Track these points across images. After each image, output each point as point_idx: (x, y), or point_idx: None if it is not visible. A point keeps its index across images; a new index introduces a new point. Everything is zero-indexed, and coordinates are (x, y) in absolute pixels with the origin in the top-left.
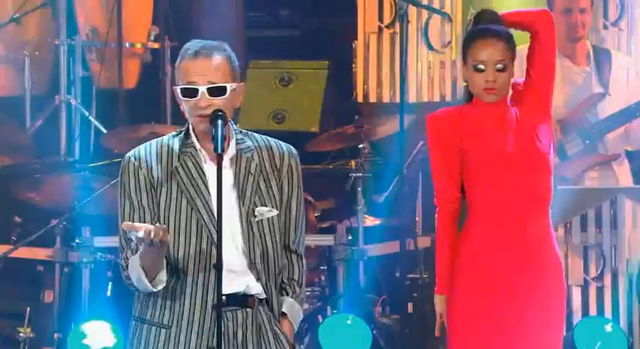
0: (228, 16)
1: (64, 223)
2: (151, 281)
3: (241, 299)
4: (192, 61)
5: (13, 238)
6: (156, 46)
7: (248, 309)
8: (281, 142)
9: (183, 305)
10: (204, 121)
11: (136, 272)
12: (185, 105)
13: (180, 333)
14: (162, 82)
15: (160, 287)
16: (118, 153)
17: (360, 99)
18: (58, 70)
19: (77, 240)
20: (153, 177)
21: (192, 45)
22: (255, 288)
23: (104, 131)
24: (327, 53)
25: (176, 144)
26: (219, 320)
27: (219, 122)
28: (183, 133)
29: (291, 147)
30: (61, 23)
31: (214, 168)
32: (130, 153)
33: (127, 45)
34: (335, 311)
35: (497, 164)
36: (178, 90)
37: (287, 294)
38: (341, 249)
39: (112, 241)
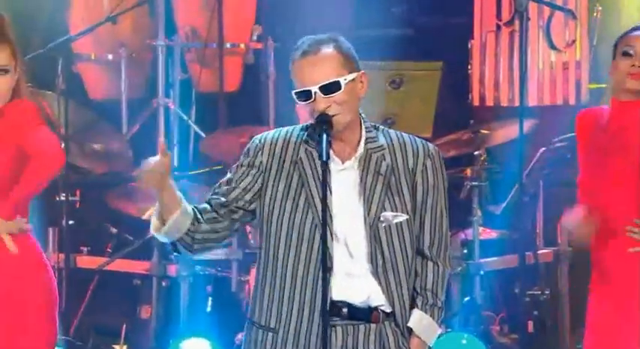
0: (335, 14)
1: None
2: (163, 225)
3: (365, 313)
4: (300, 62)
5: (109, 250)
6: (258, 46)
7: (372, 324)
8: (418, 139)
9: (292, 310)
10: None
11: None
12: (305, 109)
13: (287, 339)
14: (265, 84)
15: (177, 235)
16: (218, 161)
17: (476, 102)
18: (155, 72)
19: (175, 253)
20: (272, 164)
21: (301, 44)
22: (379, 299)
23: (204, 136)
24: (441, 53)
25: (301, 136)
26: (326, 328)
27: (324, 135)
28: (308, 127)
29: (429, 144)
30: (158, 23)
31: (338, 167)
32: (256, 136)
33: (229, 45)
34: (449, 329)
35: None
36: (294, 94)
37: (417, 306)
38: (455, 263)
39: (212, 254)
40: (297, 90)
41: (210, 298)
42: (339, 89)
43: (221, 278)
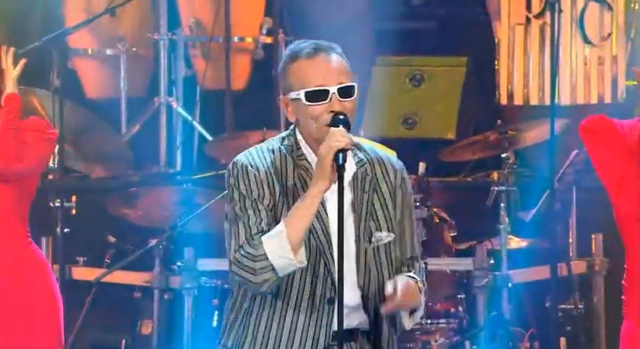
0: (352, 6)
1: (164, 243)
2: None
3: (347, 334)
4: (312, 61)
5: (107, 260)
6: (268, 40)
7: (352, 343)
8: (387, 154)
9: (292, 342)
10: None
11: (281, 248)
12: (309, 112)
13: None
14: (276, 81)
15: (303, 265)
16: (224, 164)
17: (503, 101)
18: (157, 68)
19: (179, 263)
20: (274, 193)
21: (301, 45)
22: (365, 323)
23: (209, 138)
24: (466, 48)
25: (288, 155)
26: None
27: (341, 127)
28: (292, 141)
29: (398, 161)
30: (161, 15)
31: (333, 185)
32: (242, 160)
33: (236, 39)
34: (475, 346)
35: None
36: (301, 96)
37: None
38: (481, 275)
39: (218, 264)
40: (312, 90)
41: (216, 312)
42: (354, 94)
43: (229, 290)
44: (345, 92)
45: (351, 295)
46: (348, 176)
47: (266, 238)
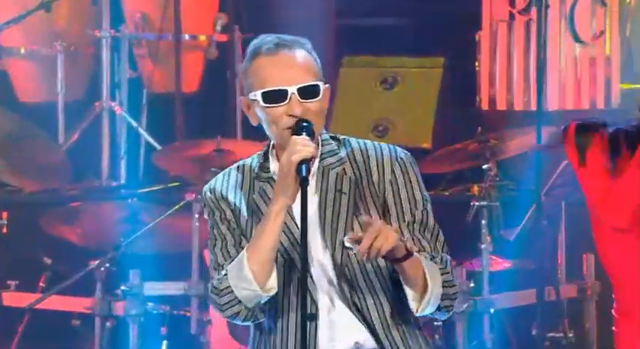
0: (315, 0)
1: (107, 265)
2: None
3: None
4: (271, 58)
5: (42, 285)
6: (224, 38)
7: None
8: (384, 144)
9: None
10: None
11: (242, 279)
12: (268, 115)
13: None
14: (232, 84)
15: (273, 292)
16: (174, 176)
17: (484, 106)
18: (98, 69)
19: (123, 287)
20: (235, 215)
21: (264, 40)
22: (369, 342)
23: (157, 147)
24: (443, 47)
25: (257, 168)
26: None
27: (305, 135)
28: (262, 154)
29: (398, 148)
30: (102, 10)
31: (299, 195)
32: (206, 187)
33: (187, 37)
34: None
35: None
36: (258, 97)
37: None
38: (461, 300)
39: (167, 288)
40: (267, 90)
41: (165, 342)
42: (318, 95)
43: (178, 317)
44: (307, 92)
45: (342, 311)
46: (315, 179)
47: (230, 268)
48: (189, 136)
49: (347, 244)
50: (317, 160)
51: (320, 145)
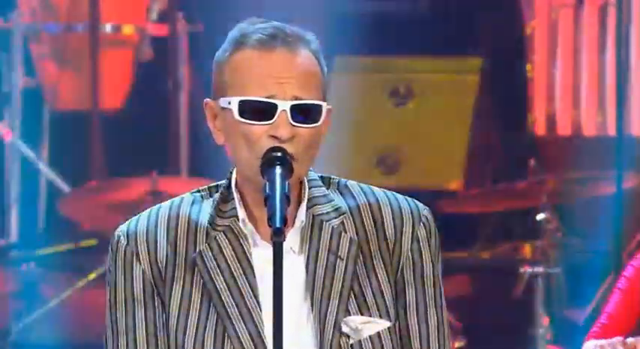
0: None
1: None
2: None
3: None
4: (262, 54)
5: None
6: (162, 31)
7: None
8: (398, 195)
9: None
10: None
11: None
12: (242, 133)
13: None
14: (174, 96)
15: None
16: (89, 231)
17: (539, 129)
18: None
19: None
20: (159, 275)
21: (257, 26)
22: None
23: (65, 190)
24: (479, 44)
25: (204, 211)
26: None
27: (278, 170)
28: (219, 191)
29: (419, 203)
30: None
31: (263, 251)
32: (120, 230)
33: (109, 29)
34: None
35: None
36: (233, 106)
37: None
38: None
39: None
40: (249, 99)
41: None
42: (317, 119)
43: None
44: (303, 113)
45: None
46: (292, 236)
47: None
48: (112, 173)
49: (344, 329)
50: (303, 205)
51: (306, 188)
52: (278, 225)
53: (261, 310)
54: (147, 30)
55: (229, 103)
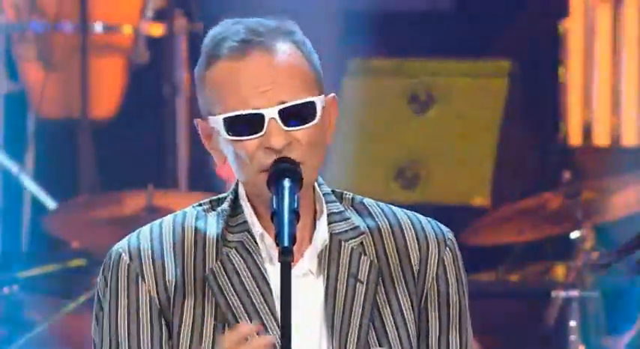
0: None
1: None
2: None
3: None
4: (235, 64)
5: None
6: (158, 31)
7: None
8: (421, 217)
9: None
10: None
11: None
12: (236, 152)
13: None
14: (171, 102)
15: None
16: (78, 250)
17: (574, 139)
18: None
19: None
20: (165, 295)
21: (227, 31)
22: None
23: (51, 205)
24: (506, 45)
25: (211, 225)
26: None
27: (287, 183)
28: (227, 205)
29: (442, 226)
30: None
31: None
32: (119, 246)
33: (100, 28)
34: None
35: None
36: (219, 125)
37: None
38: None
39: None
40: (231, 115)
41: None
42: (313, 118)
43: None
44: (295, 115)
45: None
46: (309, 257)
47: None
48: (103, 187)
49: None
50: (323, 221)
51: (322, 201)
52: (286, 243)
53: (276, 321)
54: (141, 30)
55: (216, 123)
